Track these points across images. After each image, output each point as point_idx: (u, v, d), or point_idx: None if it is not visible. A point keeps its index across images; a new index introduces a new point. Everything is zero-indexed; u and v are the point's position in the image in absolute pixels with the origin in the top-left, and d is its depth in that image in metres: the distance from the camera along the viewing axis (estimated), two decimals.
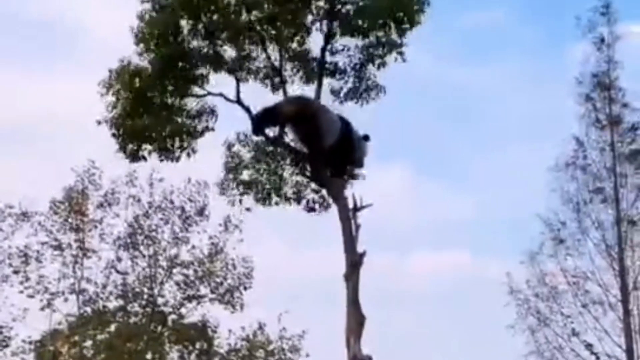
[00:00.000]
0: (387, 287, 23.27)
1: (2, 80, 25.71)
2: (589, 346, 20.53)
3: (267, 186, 11.30)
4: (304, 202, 11.43)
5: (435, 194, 30.44)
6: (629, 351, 20.27)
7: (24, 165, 23.99)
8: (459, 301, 26.36)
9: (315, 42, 11.15)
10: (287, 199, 11.39)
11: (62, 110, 25.53)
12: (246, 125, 10.93)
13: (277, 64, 11.09)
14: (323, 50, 11.00)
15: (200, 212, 21.71)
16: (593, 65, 21.57)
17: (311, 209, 11.45)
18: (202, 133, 11.32)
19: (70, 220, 21.18)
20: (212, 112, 11.29)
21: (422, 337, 24.78)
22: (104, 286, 21.18)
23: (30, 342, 20.55)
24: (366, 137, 10.46)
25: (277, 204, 11.41)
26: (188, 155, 11.31)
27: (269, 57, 11.10)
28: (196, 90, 11.15)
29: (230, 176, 11.50)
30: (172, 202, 21.69)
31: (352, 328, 9.79)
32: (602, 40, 21.61)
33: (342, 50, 11.19)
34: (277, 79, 11.16)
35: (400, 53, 11.06)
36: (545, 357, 20.85)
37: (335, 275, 10.20)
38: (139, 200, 21.55)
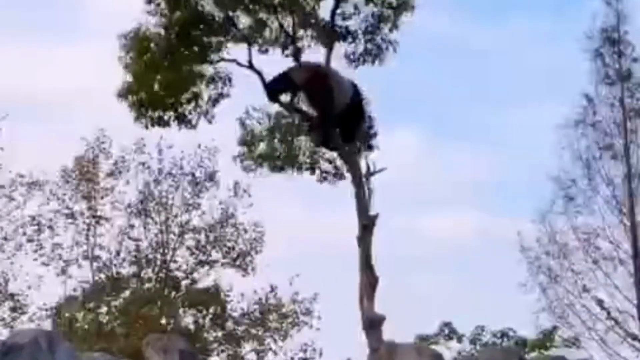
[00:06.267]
0: (402, 248, 23.41)
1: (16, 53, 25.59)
2: (600, 302, 20.61)
3: (282, 157, 11.33)
4: (317, 172, 11.48)
5: (451, 156, 30.45)
6: None
7: (35, 136, 24.02)
8: (471, 261, 26.49)
9: (326, 8, 11.07)
10: (301, 168, 11.43)
11: (76, 80, 25.50)
12: (260, 96, 10.95)
13: (290, 30, 11.01)
14: (333, 13, 10.92)
15: (211, 177, 21.77)
16: (602, 20, 21.35)
17: (324, 179, 11.50)
18: (217, 100, 11.29)
19: (81, 188, 21.29)
20: (229, 79, 11.24)
21: (435, 296, 24.95)
22: (117, 253, 21.36)
23: (46, 309, 20.82)
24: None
25: (291, 172, 11.47)
26: (210, 122, 11.29)
27: (281, 25, 11.02)
28: (210, 56, 11.07)
29: (246, 149, 11.54)
30: (182, 168, 21.75)
31: (364, 289, 9.89)
32: None
33: (354, 14, 11.10)
34: (291, 46, 11.07)
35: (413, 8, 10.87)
36: (556, 313, 20.93)
37: (350, 238, 10.30)
38: (148, 168, 21.63)
